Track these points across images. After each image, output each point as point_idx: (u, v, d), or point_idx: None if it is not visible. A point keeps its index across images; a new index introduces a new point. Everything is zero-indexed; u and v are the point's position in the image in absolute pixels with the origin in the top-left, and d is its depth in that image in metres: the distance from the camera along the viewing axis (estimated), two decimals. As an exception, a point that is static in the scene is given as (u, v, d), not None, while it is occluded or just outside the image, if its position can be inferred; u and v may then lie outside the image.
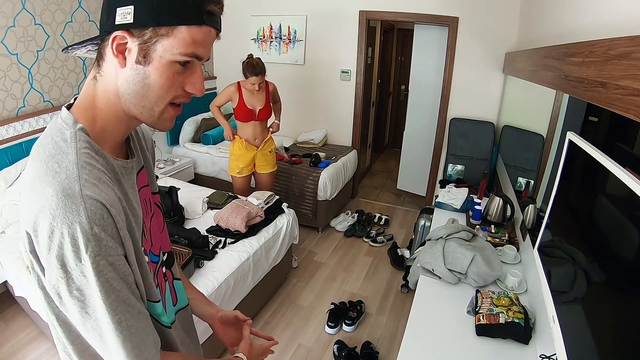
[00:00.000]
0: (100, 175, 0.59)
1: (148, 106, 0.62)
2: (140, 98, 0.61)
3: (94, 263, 0.54)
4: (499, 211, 2.18)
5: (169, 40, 0.58)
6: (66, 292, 0.55)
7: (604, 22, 1.26)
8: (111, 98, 0.62)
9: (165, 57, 0.58)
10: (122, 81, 0.60)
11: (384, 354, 2.26)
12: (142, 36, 0.57)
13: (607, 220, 0.94)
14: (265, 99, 2.87)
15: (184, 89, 0.63)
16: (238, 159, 2.96)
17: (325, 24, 3.97)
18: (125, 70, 0.59)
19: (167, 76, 0.60)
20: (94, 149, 0.60)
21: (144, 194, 0.76)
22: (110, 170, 0.62)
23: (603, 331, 0.84)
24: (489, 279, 1.64)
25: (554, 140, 1.76)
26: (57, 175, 0.55)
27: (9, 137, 2.53)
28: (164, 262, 0.84)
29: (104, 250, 0.55)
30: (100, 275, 0.55)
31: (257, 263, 2.29)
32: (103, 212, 0.55)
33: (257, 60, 2.70)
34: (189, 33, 0.58)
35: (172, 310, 0.84)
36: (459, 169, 3.57)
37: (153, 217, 0.79)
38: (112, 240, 0.56)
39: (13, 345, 2.12)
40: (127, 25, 0.56)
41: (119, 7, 0.56)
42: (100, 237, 0.54)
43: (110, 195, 0.58)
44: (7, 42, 2.48)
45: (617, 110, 0.84)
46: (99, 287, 0.55)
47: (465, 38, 3.50)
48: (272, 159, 3.08)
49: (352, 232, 3.61)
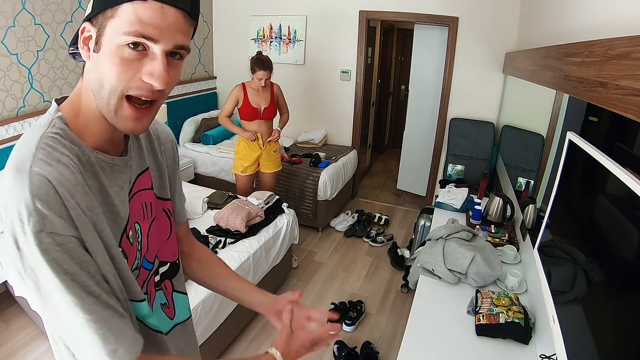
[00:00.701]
0: (61, 157, 0.56)
1: (105, 98, 0.58)
2: (98, 89, 0.58)
3: (36, 239, 0.51)
4: (499, 211, 2.18)
5: (114, 21, 0.54)
6: (22, 270, 0.54)
7: (604, 22, 1.26)
8: (88, 93, 0.61)
9: (112, 40, 0.55)
10: (87, 73, 0.60)
11: (384, 354, 2.26)
12: (97, 23, 0.56)
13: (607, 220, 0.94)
14: (270, 98, 2.88)
15: (142, 79, 0.57)
16: (243, 158, 2.96)
17: (325, 24, 3.97)
18: (88, 62, 0.59)
19: (114, 61, 0.55)
20: (68, 137, 0.59)
21: (145, 197, 0.73)
22: (86, 162, 0.60)
23: (603, 331, 0.84)
24: (489, 279, 1.64)
25: (554, 140, 1.76)
26: (18, 153, 0.56)
27: (9, 137, 2.53)
28: (163, 272, 0.80)
29: (49, 226, 0.52)
30: (46, 253, 0.52)
31: (257, 263, 2.29)
32: (49, 189, 0.52)
33: (265, 56, 2.77)
34: (132, 10, 0.53)
35: (168, 323, 0.80)
36: (459, 169, 3.57)
37: (154, 223, 0.75)
38: (60, 219, 0.53)
39: (13, 345, 2.12)
40: (89, 15, 0.57)
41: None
42: (43, 213, 0.51)
43: (64, 175, 0.55)
44: (7, 42, 2.48)
45: (617, 110, 0.84)
46: (48, 266, 0.52)
47: (465, 38, 3.50)
48: (277, 159, 3.09)
49: (352, 232, 3.61)
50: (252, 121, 2.87)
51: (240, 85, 2.84)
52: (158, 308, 0.79)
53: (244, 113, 2.85)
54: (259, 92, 2.85)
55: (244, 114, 2.86)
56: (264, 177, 3.09)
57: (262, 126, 2.92)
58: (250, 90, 2.83)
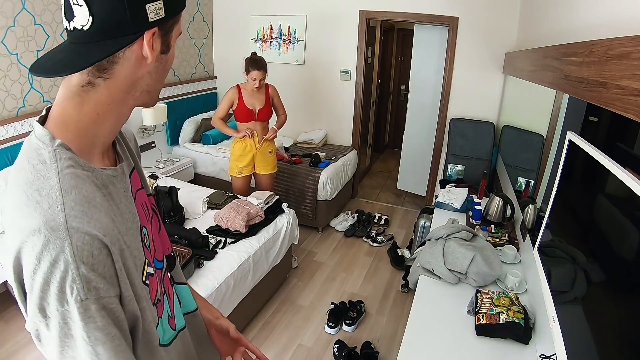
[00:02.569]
0: (90, 196, 0.53)
1: (159, 88, 0.66)
2: (158, 84, 0.64)
3: (80, 308, 0.48)
4: (499, 211, 2.18)
5: (177, 26, 0.62)
6: (46, 335, 0.50)
7: (604, 22, 1.26)
8: (118, 97, 0.58)
9: (174, 41, 0.63)
10: (144, 74, 0.60)
11: (384, 354, 2.26)
12: (165, 27, 0.59)
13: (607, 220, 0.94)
14: (265, 100, 2.87)
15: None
16: (238, 159, 2.95)
17: (325, 24, 3.97)
18: (152, 63, 0.59)
19: (173, 56, 0.65)
20: (80, 165, 0.55)
21: (141, 198, 0.72)
22: (102, 185, 0.57)
23: (603, 331, 0.84)
24: (489, 279, 1.64)
25: (554, 140, 1.76)
26: (38, 205, 0.50)
27: (9, 137, 2.53)
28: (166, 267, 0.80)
29: (94, 292, 0.49)
30: (89, 321, 0.49)
31: (257, 263, 2.29)
32: (93, 248, 0.49)
33: (260, 57, 2.76)
34: (181, 16, 0.64)
35: (180, 315, 0.80)
36: (459, 169, 3.57)
37: (152, 221, 0.75)
38: (104, 281, 0.50)
39: (13, 345, 2.12)
40: (160, 20, 0.57)
41: (148, 4, 0.54)
42: (89, 278, 0.48)
43: (104, 221, 0.52)
44: (7, 42, 2.48)
45: (617, 110, 0.84)
46: (85, 335, 0.49)
47: (465, 38, 3.50)
48: (273, 161, 3.07)
49: (352, 232, 3.60)
50: (247, 122, 2.87)
51: (235, 87, 2.83)
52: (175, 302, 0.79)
53: (239, 114, 2.84)
54: (254, 94, 2.83)
55: (239, 115, 2.85)
56: (260, 178, 3.08)
57: (257, 127, 2.91)
58: (245, 92, 2.82)
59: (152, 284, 0.65)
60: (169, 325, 0.72)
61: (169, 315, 0.73)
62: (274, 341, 2.32)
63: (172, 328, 0.74)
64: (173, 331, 0.74)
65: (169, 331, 0.72)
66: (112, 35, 0.53)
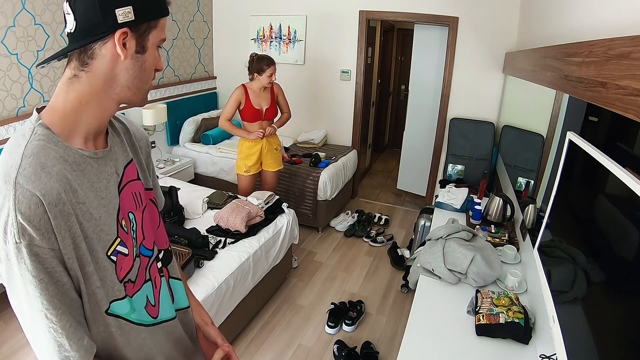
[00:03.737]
0: (48, 164, 0.62)
1: (142, 87, 0.73)
2: (138, 81, 0.71)
3: (15, 249, 0.58)
4: (499, 211, 2.18)
5: (156, 30, 0.71)
6: (3, 271, 0.61)
7: (604, 22, 1.26)
8: (98, 89, 0.68)
9: (154, 44, 0.71)
10: (121, 70, 0.68)
11: (384, 354, 2.26)
12: (138, 30, 0.68)
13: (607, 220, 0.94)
14: (271, 99, 2.89)
15: (155, 69, 0.75)
16: (246, 158, 2.95)
17: (325, 24, 3.97)
18: (126, 61, 0.68)
19: (155, 59, 0.73)
20: (53, 141, 0.64)
21: (134, 187, 0.79)
22: (73, 161, 0.66)
23: (603, 331, 0.84)
24: (489, 279, 1.64)
25: (554, 140, 1.76)
26: (6, 164, 0.61)
27: (9, 137, 2.52)
28: (159, 259, 0.84)
29: (27, 238, 0.58)
30: (20, 262, 0.58)
31: (257, 263, 2.29)
32: (30, 203, 0.58)
33: (265, 54, 2.81)
34: (163, 23, 0.72)
35: (169, 307, 0.84)
36: (459, 169, 3.57)
37: (145, 211, 0.81)
38: (38, 232, 0.58)
39: (13, 345, 2.12)
40: (130, 22, 0.66)
41: (117, 9, 0.64)
42: (23, 226, 0.57)
43: (50, 186, 0.60)
44: (7, 42, 2.48)
45: (617, 110, 0.84)
46: (20, 272, 0.59)
47: (465, 38, 3.50)
48: (279, 158, 3.09)
49: (352, 232, 3.60)
50: (254, 122, 2.87)
51: (241, 87, 2.81)
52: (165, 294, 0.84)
53: (247, 115, 2.84)
54: (260, 93, 2.84)
55: (246, 115, 2.84)
56: (266, 175, 3.08)
57: (264, 126, 2.90)
58: (252, 92, 2.81)
59: (122, 262, 0.72)
60: (144, 310, 0.78)
61: (151, 302, 0.79)
62: (274, 341, 2.32)
63: (151, 315, 0.79)
64: (152, 318, 0.79)
65: (145, 316, 0.77)
66: (89, 35, 0.65)
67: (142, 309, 0.77)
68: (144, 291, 0.78)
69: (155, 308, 0.80)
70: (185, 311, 0.91)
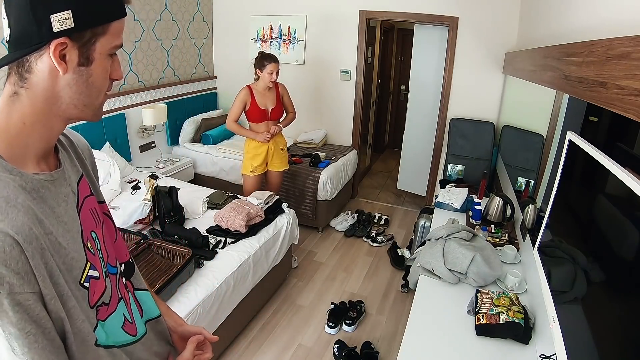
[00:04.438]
0: (11, 197, 0.54)
1: (90, 102, 0.63)
2: (84, 97, 0.61)
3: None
4: (499, 211, 2.18)
5: (105, 37, 0.60)
6: None
7: (604, 22, 1.26)
8: (40, 108, 0.59)
9: (103, 53, 0.61)
10: (63, 86, 0.59)
11: (384, 354, 2.26)
12: (81, 38, 0.57)
13: (607, 220, 0.94)
14: (276, 99, 2.88)
15: (110, 78, 0.65)
16: (252, 158, 2.94)
17: (325, 24, 3.97)
18: (67, 75, 0.58)
19: (105, 70, 0.62)
20: (8, 170, 0.56)
21: (90, 204, 0.73)
22: (31, 189, 0.58)
23: (603, 331, 0.84)
24: (489, 279, 1.64)
25: (554, 140, 1.76)
26: None
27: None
28: (122, 273, 0.81)
29: (7, 287, 0.50)
30: (2, 316, 0.50)
31: (257, 263, 2.29)
32: (5, 244, 0.50)
33: (270, 52, 2.79)
34: (117, 27, 0.61)
35: (140, 321, 0.80)
36: (459, 169, 3.57)
37: (104, 227, 0.77)
38: (18, 276, 0.51)
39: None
40: (68, 30, 0.55)
41: (53, 14, 0.54)
42: (1, 273, 0.49)
43: (21, 221, 0.53)
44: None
45: (617, 110, 0.84)
46: (1, 330, 0.50)
47: (465, 38, 3.50)
48: (285, 158, 3.09)
49: (352, 232, 3.61)
50: (260, 123, 2.86)
51: (247, 88, 2.80)
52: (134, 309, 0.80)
53: (252, 115, 2.83)
54: (266, 93, 2.83)
55: (252, 116, 2.84)
56: (272, 175, 3.08)
57: (270, 127, 2.90)
58: (257, 92, 2.81)
59: (95, 286, 0.66)
60: (122, 330, 0.73)
61: (128, 320, 0.75)
62: (274, 341, 2.32)
63: (130, 334, 0.74)
64: (132, 337, 0.75)
65: (123, 336, 0.73)
66: (22, 45, 0.55)
67: (120, 330, 0.72)
68: (120, 310, 0.73)
69: (133, 325, 0.76)
70: (157, 320, 0.86)
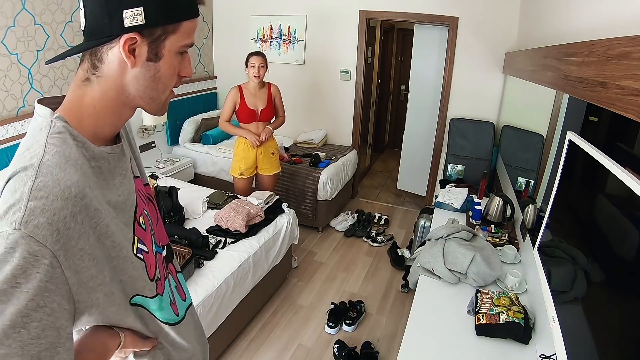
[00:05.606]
0: (72, 157, 0.56)
1: (156, 97, 0.65)
2: (150, 91, 0.64)
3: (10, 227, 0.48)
4: (499, 211, 2.18)
5: (175, 35, 0.61)
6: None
7: (604, 22, 1.26)
8: (109, 95, 0.62)
9: (172, 50, 0.62)
10: (131, 79, 0.61)
11: (384, 354, 2.26)
12: (152, 35, 0.60)
13: (607, 220, 0.94)
14: (267, 99, 2.86)
15: (179, 75, 0.67)
16: (240, 160, 2.93)
17: (325, 24, 3.97)
18: (135, 69, 0.61)
19: (174, 67, 0.64)
20: (73, 135, 0.58)
21: (138, 184, 0.74)
22: (91, 157, 0.60)
23: (603, 331, 0.84)
24: (489, 279, 1.64)
25: (554, 140, 1.76)
26: (22, 158, 0.54)
27: (9, 137, 2.52)
28: (166, 256, 0.83)
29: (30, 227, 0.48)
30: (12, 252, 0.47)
31: (257, 263, 2.29)
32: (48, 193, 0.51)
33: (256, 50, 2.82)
34: (189, 26, 0.63)
35: (182, 305, 0.83)
36: (459, 169, 3.57)
37: (149, 208, 0.78)
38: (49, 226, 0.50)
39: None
40: (139, 26, 0.58)
41: (125, 10, 0.56)
42: (34, 212, 0.49)
43: (76, 178, 0.55)
44: (7, 42, 2.48)
45: (617, 110, 0.84)
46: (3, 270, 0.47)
47: (465, 38, 3.50)
48: (276, 161, 3.06)
49: (352, 232, 3.60)
50: (249, 123, 2.85)
51: (236, 87, 2.81)
52: (175, 293, 0.81)
53: (241, 115, 2.83)
54: (256, 93, 2.82)
55: (241, 116, 2.84)
56: (262, 179, 3.07)
57: (260, 128, 2.89)
58: (247, 92, 2.81)
59: (148, 259, 0.68)
60: (170, 309, 0.75)
61: (171, 299, 0.77)
62: (274, 341, 2.32)
63: (174, 313, 0.77)
64: (176, 316, 0.77)
65: (171, 314, 0.76)
66: (95, 36, 0.58)
67: (170, 308, 0.75)
68: (166, 289, 0.75)
69: (176, 306, 0.79)
70: (191, 307, 0.90)
